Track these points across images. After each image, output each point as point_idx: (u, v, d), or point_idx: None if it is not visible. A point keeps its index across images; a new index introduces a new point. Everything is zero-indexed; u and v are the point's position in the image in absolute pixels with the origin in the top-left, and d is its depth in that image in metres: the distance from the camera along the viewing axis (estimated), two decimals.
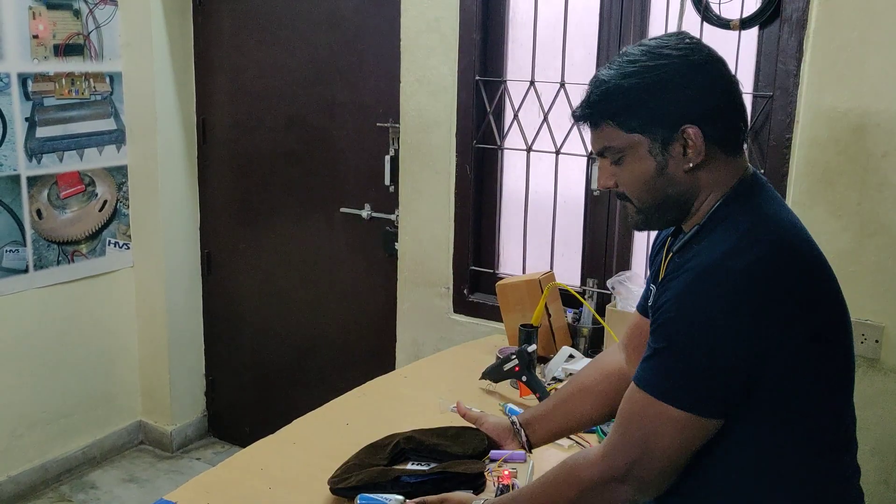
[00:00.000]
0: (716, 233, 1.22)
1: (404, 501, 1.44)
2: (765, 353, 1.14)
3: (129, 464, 3.43)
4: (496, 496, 1.48)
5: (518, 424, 1.64)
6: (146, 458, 3.48)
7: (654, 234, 2.01)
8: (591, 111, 1.27)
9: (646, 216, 1.31)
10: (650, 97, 1.22)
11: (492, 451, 1.63)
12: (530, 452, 1.63)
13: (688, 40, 1.25)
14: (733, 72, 1.29)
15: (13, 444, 3.11)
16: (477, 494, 1.48)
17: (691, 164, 1.23)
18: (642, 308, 1.52)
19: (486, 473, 1.54)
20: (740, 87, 1.28)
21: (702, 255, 1.20)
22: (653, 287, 1.41)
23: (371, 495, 1.45)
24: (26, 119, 2.99)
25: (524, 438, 1.63)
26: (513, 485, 1.50)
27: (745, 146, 1.29)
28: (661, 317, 1.20)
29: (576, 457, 1.32)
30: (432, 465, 1.55)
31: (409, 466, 1.56)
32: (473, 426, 1.72)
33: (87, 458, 3.37)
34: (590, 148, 1.33)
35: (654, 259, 1.46)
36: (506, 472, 1.54)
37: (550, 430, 1.64)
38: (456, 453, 1.59)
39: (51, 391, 3.21)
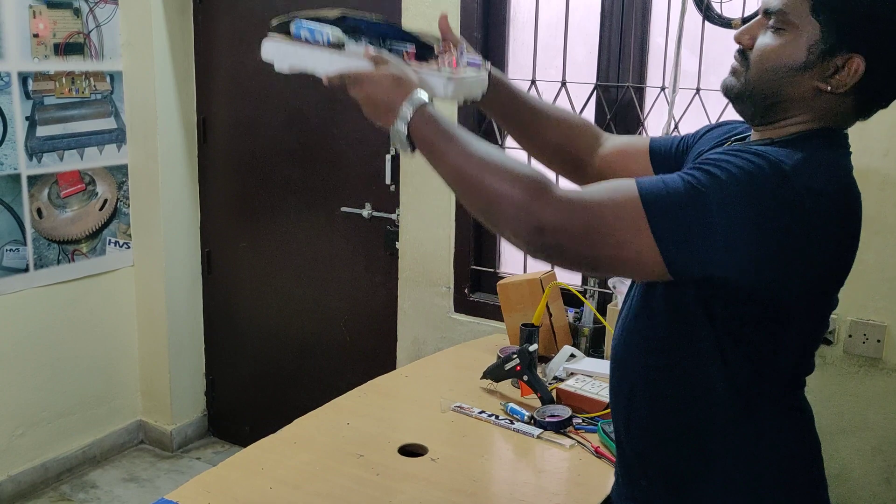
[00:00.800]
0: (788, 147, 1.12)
1: (342, 37, 1.29)
2: (768, 263, 1.07)
3: (129, 463, 3.42)
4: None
5: (489, 66, 1.44)
6: (146, 458, 3.47)
7: None
8: None
9: (744, 90, 1.18)
10: (861, 5, 1.10)
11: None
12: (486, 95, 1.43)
13: None
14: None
15: (13, 444, 3.11)
16: (421, 61, 1.32)
17: (829, 88, 1.12)
18: (657, 143, 1.44)
19: (436, 50, 1.35)
20: None
21: (771, 153, 1.09)
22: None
23: (308, 22, 1.28)
24: (27, 118, 2.98)
25: (486, 74, 1.42)
26: (459, 69, 1.33)
27: (868, 117, 1.19)
28: (704, 160, 1.09)
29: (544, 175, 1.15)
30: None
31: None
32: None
33: (87, 457, 3.36)
34: (736, 37, 1.20)
35: (702, 142, 1.36)
36: (453, 58, 1.35)
37: (508, 99, 1.48)
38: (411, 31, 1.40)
39: (51, 390, 3.21)
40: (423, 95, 1.22)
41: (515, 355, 2.06)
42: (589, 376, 2.09)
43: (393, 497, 1.59)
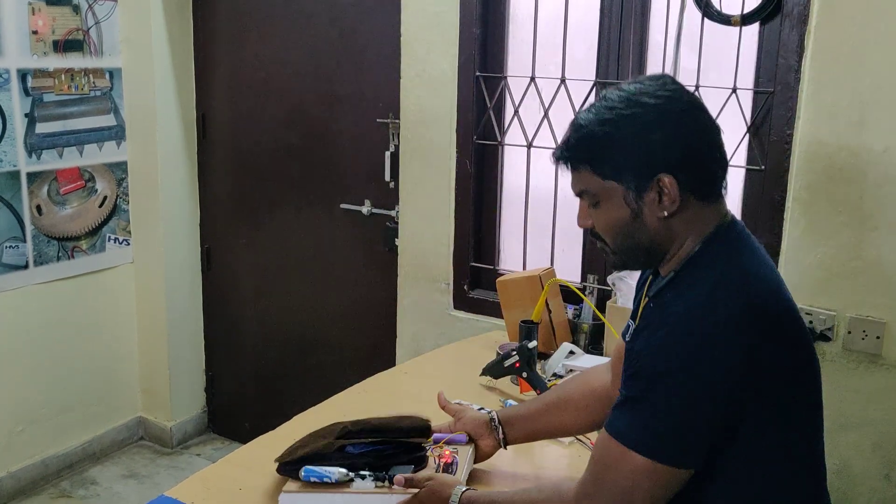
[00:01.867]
0: (689, 283, 1.23)
1: (347, 473, 1.46)
2: (738, 400, 1.16)
3: (128, 460, 3.43)
4: (437, 471, 1.52)
5: (497, 421, 1.64)
6: (146, 454, 3.48)
7: None
8: (570, 154, 1.28)
9: (621, 258, 1.31)
10: (625, 146, 1.22)
11: (434, 434, 1.64)
12: (505, 448, 1.63)
13: (669, 87, 1.24)
14: (714, 117, 1.29)
15: (13, 440, 3.11)
16: (417, 469, 1.50)
17: (666, 213, 1.23)
18: (624, 335, 1.53)
19: (428, 452, 1.56)
20: (720, 134, 1.26)
21: (674, 306, 1.21)
22: (631, 323, 1.42)
23: (315, 468, 1.46)
24: (26, 115, 2.98)
25: (501, 435, 1.63)
26: (454, 462, 1.53)
27: (724, 193, 1.28)
28: (634, 365, 1.21)
29: (561, 489, 1.34)
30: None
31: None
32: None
33: (86, 453, 3.37)
34: (577, 222, 1.34)
35: (636, 296, 1.47)
36: (447, 452, 1.57)
37: (528, 431, 1.65)
38: (400, 427, 1.60)
39: (51, 387, 3.21)
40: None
41: (515, 352, 2.06)
42: None
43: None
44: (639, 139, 1.22)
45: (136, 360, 3.53)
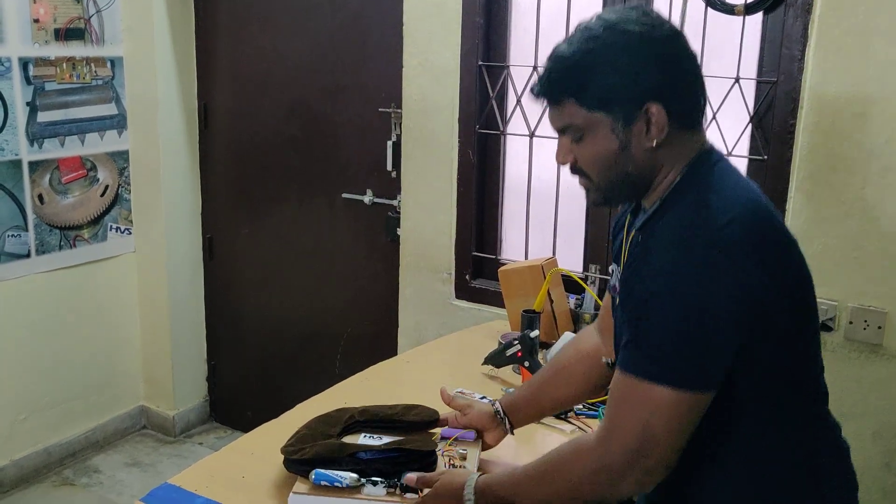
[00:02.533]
0: (681, 205, 1.21)
1: (358, 479, 1.45)
2: (742, 317, 1.13)
3: (131, 448, 3.44)
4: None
5: (502, 412, 1.63)
6: (149, 443, 3.49)
7: None
8: (551, 88, 1.24)
9: (605, 193, 1.29)
10: (611, 75, 1.19)
11: (442, 430, 1.64)
12: (512, 434, 1.64)
13: (650, 14, 1.23)
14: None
15: (16, 429, 3.12)
16: (428, 471, 1.48)
17: (654, 143, 1.21)
18: (611, 287, 1.51)
19: (438, 452, 1.55)
20: (699, 62, 1.27)
21: (671, 225, 1.19)
22: (615, 267, 1.40)
23: (326, 472, 1.46)
24: (27, 103, 2.98)
25: (508, 425, 1.63)
26: (463, 467, 1.52)
27: (703, 122, 1.28)
28: (638, 294, 1.18)
29: (579, 441, 1.30)
30: (385, 439, 1.56)
31: (362, 440, 1.57)
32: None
33: (89, 442, 3.38)
34: (556, 159, 1.30)
35: (615, 238, 1.45)
36: (457, 455, 1.57)
37: (532, 413, 1.65)
38: (410, 420, 1.60)
39: (53, 376, 3.22)
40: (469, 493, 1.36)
41: (517, 341, 2.06)
42: None
43: None
44: (626, 67, 1.19)
45: (138, 349, 3.53)
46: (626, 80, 1.19)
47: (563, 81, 1.23)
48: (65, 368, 3.26)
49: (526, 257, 2.65)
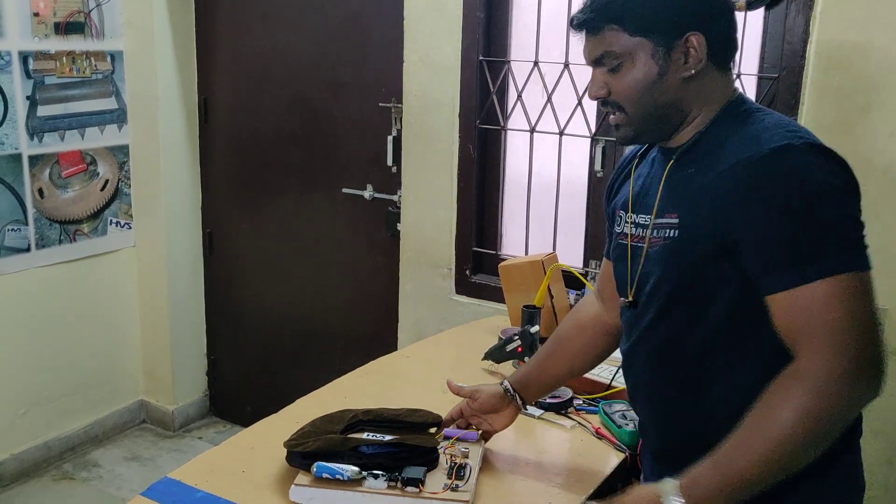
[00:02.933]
0: (725, 137, 1.23)
1: (360, 472, 1.46)
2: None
3: (131, 442, 3.44)
4: (448, 475, 1.48)
5: (512, 390, 1.64)
6: (148, 437, 3.49)
7: None
8: (595, 15, 1.27)
9: (636, 127, 1.29)
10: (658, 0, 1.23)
11: (445, 430, 1.64)
12: (525, 410, 1.68)
13: None
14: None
15: (16, 423, 3.12)
16: (430, 470, 1.49)
17: (692, 71, 1.23)
18: (608, 251, 1.51)
19: (440, 451, 1.55)
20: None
21: (744, 144, 1.19)
22: (623, 215, 1.39)
23: (328, 465, 1.47)
24: (27, 97, 2.97)
25: (519, 402, 1.64)
26: (466, 465, 1.51)
27: (733, 66, 1.31)
28: (761, 207, 1.15)
29: (776, 383, 1.15)
30: (387, 438, 1.56)
31: (365, 437, 1.57)
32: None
33: (89, 436, 3.38)
34: (588, 93, 1.32)
35: (618, 186, 1.46)
36: (459, 453, 1.56)
37: (542, 386, 1.68)
38: (413, 421, 1.60)
39: (53, 370, 3.22)
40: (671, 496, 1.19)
41: (517, 336, 2.06)
42: None
43: None
44: None
45: (137, 343, 3.53)
46: (671, 6, 1.22)
47: (607, 7, 1.25)
48: (64, 363, 3.26)
49: (526, 253, 2.65)
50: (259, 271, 3.40)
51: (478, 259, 2.75)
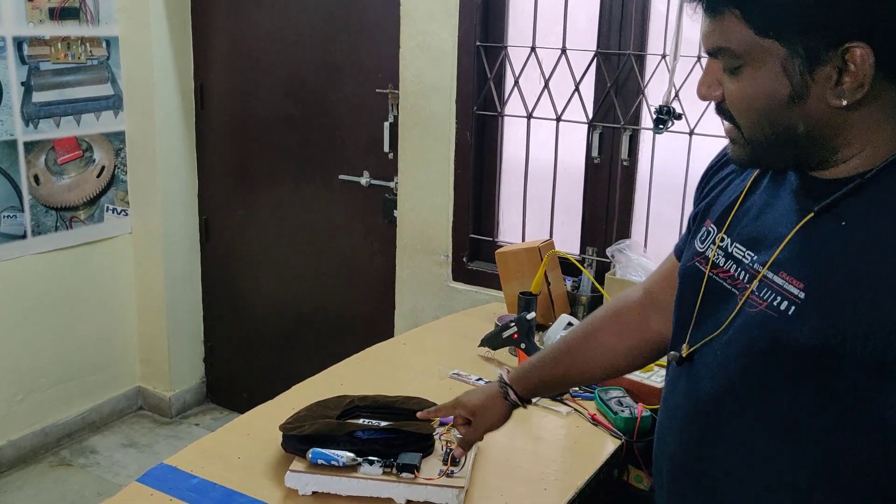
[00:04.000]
0: None
1: (355, 458, 1.46)
2: None
3: (128, 429, 3.44)
4: (444, 461, 1.48)
5: (513, 395, 1.38)
6: (145, 424, 3.49)
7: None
8: None
9: (754, 151, 0.93)
10: None
11: (441, 417, 1.63)
12: (525, 408, 1.43)
13: None
14: None
15: (13, 409, 3.12)
16: (426, 456, 1.50)
17: (844, 102, 0.84)
18: (680, 250, 1.18)
19: (435, 437, 1.56)
20: None
21: None
22: (713, 231, 1.04)
23: (323, 450, 1.47)
24: (22, 83, 2.96)
25: (513, 396, 1.37)
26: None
27: None
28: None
29: None
30: (383, 424, 1.56)
31: (361, 422, 1.58)
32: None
33: (86, 423, 3.38)
34: (697, 90, 0.97)
35: (718, 184, 1.09)
36: (455, 439, 1.53)
37: (547, 387, 1.42)
38: (409, 409, 1.60)
39: (50, 356, 3.22)
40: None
41: (513, 323, 2.06)
42: None
43: None
44: None
45: (134, 330, 3.53)
46: (823, 1, 0.82)
47: None
48: (61, 350, 3.26)
49: (523, 239, 2.65)
50: (256, 258, 3.39)
51: (475, 246, 2.75)
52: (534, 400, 1.83)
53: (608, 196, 2.49)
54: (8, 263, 3.01)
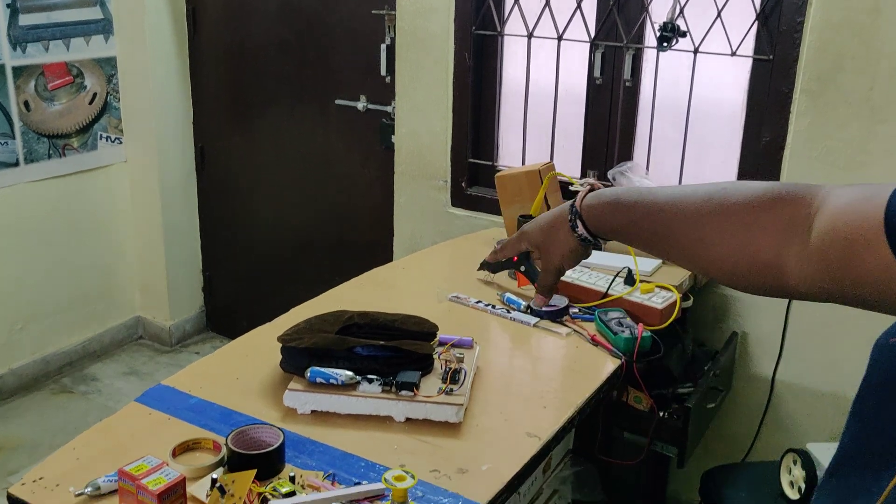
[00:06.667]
0: None
1: (353, 377, 1.45)
2: None
3: (128, 357, 3.46)
4: (443, 380, 1.47)
5: (575, 208, 1.06)
6: (146, 353, 3.51)
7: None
8: None
9: None
10: None
11: (440, 336, 1.62)
12: (600, 248, 1.17)
13: None
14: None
15: (13, 338, 3.12)
16: (425, 375, 1.48)
17: None
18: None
19: (435, 357, 1.54)
20: None
21: None
22: None
23: (322, 369, 1.46)
24: (8, 5, 2.87)
25: (581, 229, 1.05)
26: (461, 370, 1.50)
27: None
28: None
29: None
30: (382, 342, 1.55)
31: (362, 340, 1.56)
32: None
33: (87, 351, 3.39)
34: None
35: None
36: (455, 358, 1.53)
37: (625, 229, 1.01)
38: (409, 329, 1.58)
39: (49, 285, 3.20)
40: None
41: None
42: (586, 267, 2.07)
43: None
44: None
45: (133, 259, 3.51)
46: None
47: None
48: (60, 278, 3.24)
49: (523, 163, 2.60)
50: (252, 185, 3.35)
51: (474, 170, 2.71)
52: (532, 322, 1.83)
53: (609, 118, 2.44)
54: (2, 191, 2.97)
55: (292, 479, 1.26)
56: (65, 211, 3.20)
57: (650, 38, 2.33)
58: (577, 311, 1.90)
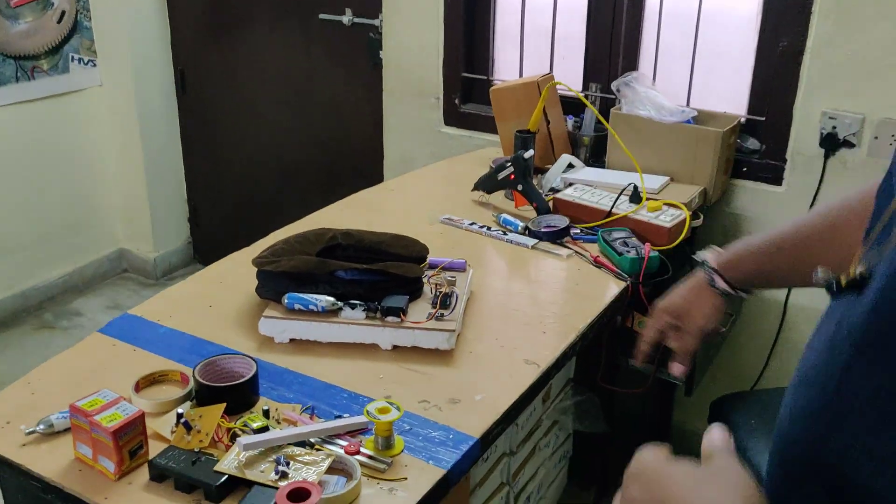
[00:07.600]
0: None
1: (335, 302, 1.32)
2: None
3: (112, 291, 3.33)
4: (433, 304, 1.33)
5: (709, 265, 1.17)
6: (130, 286, 3.38)
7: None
8: None
9: None
10: None
11: (430, 259, 1.49)
12: (743, 297, 1.18)
13: None
14: None
15: None
16: (413, 300, 1.35)
17: None
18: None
19: (425, 281, 1.41)
20: None
21: None
22: None
23: (301, 295, 1.33)
24: None
25: (721, 283, 1.16)
26: (453, 293, 1.37)
27: None
28: None
29: None
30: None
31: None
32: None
33: (68, 286, 3.26)
34: None
35: None
36: (445, 282, 1.41)
37: (763, 268, 1.13)
38: (396, 252, 1.45)
39: (25, 216, 3.06)
40: None
41: (509, 163, 1.89)
42: (589, 185, 1.93)
43: None
44: None
45: (113, 189, 3.36)
46: None
47: None
48: (37, 209, 3.09)
49: (520, 77, 2.43)
50: (235, 109, 3.18)
51: (468, 86, 2.54)
52: (530, 244, 1.70)
53: (613, 26, 2.26)
54: None
55: (266, 414, 1.14)
56: (38, 138, 3.03)
57: None
58: (578, 231, 1.77)
